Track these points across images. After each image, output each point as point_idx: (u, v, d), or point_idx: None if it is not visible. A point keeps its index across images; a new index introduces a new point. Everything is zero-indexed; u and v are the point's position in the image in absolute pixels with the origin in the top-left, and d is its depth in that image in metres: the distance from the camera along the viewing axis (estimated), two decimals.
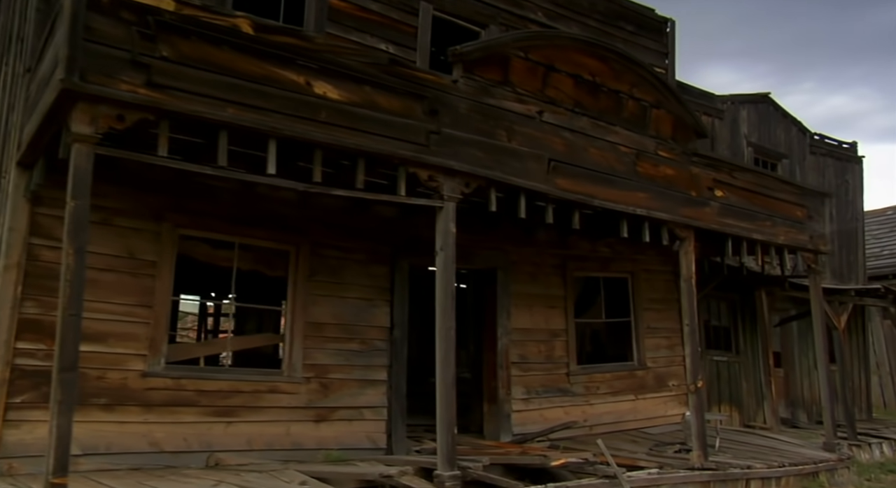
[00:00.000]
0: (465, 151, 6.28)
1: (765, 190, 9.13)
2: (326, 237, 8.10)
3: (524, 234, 9.71)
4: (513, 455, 6.97)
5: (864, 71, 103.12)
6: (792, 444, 9.84)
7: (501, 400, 9.23)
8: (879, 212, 23.50)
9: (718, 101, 13.56)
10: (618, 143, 7.48)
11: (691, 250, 8.10)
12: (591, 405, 10.21)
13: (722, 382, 12.56)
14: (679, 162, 8.07)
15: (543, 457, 6.65)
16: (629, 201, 7.44)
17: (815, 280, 9.90)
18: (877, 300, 12.78)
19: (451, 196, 6.16)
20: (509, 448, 7.88)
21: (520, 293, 9.69)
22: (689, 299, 8.03)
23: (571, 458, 6.67)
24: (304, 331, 7.76)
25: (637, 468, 7.27)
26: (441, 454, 5.92)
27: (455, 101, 6.28)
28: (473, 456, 7.33)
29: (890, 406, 19.86)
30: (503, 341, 9.35)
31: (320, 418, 7.70)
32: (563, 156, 6.95)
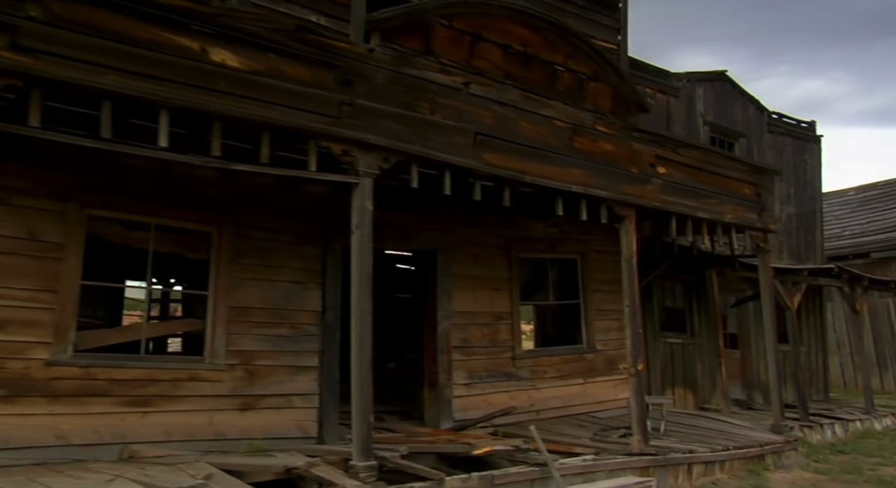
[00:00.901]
0: (384, 124, 5.93)
1: (711, 167, 8.88)
2: (253, 217, 7.73)
3: (468, 215, 9.39)
4: (439, 443, 6.69)
5: (839, 55, 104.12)
6: (741, 427, 9.67)
7: (442, 385, 8.95)
8: (841, 192, 23.52)
9: (674, 78, 13.30)
10: (552, 117, 7.17)
11: (632, 229, 7.83)
12: (538, 389, 9.96)
13: (676, 364, 12.39)
14: (619, 137, 7.78)
15: (468, 445, 6.37)
16: (565, 178, 7.14)
17: (764, 259, 9.70)
18: (831, 280, 12.64)
19: (367, 172, 5.81)
20: (443, 435, 7.60)
21: (463, 275, 9.39)
22: (629, 279, 7.78)
23: (498, 446, 6.39)
24: (228, 316, 7.40)
25: (572, 454, 7.03)
26: (356, 443, 5.63)
27: (372, 71, 5.92)
28: (406, 443, 7.04)
29: (850, 386, 19.91)
30: (444, 325, 9.05)
31: (246, 406, 7.36)
32: (491, 131, 6.63)
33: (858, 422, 12.30)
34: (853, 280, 12.95)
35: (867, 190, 22.78)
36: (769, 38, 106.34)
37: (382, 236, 8.72)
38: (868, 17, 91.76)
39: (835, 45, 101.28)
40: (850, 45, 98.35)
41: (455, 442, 6.63)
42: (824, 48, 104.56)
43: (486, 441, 6.81)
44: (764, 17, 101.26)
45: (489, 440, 6.96)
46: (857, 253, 19.68)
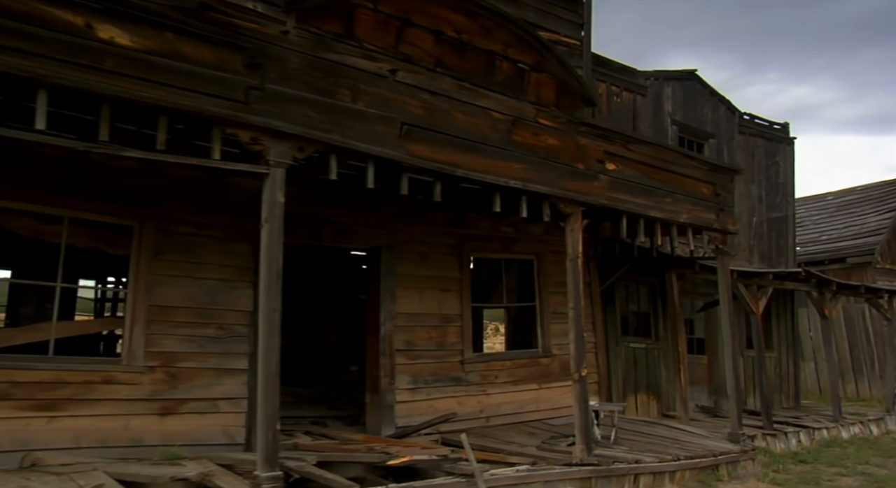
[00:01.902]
0: (298, 111, 5.55)
1: (666, 164, 8.53)
2: (179, 211, 7.35)
3: (416, 212, 9.03)
4: (359, 451, 6.28)
5: (828, 61, 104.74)
6: (697, 435, 9.31)
7: (383, 389, 8.57)
8: (820, 197, 23.28)
9: (641, 76, 12.97)
10: (490, 109, 6.80)
11: (578, 227, 7.47)
12: (489, 395, 9.60)
13: (640, 370, 12.03)
14: (564, 131, 7.42)
15: (385, 455, 5.98)
16: (502, 172, 6.77)
17: (722, 261, 9.35)
18: (799, 284, 12.31)
19: (278, 161, 5.43)
20: (377, 443, 7.20)
21: (408, 275, 9.02)
22: (574, 281, 7.41)
23: (419, 456, 6.00)
24: (149, 315, 7.01)
25: (507, 464, 6.65)
26: (260, 453, 5.23)
27: (285, 54, 5.54)
28: (330, 451, 6.66)
29: (826, 393, 19.59)
30: (387, 326, 8.68)
31: (166, 411, 6.97)
32: (421, 121, 6.25)
33: (825, 430, 11.97)
34: (822, 284, 12.62)
35: (846, 194, 22.54)
36: (757, 43, 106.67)
37: (320, 232, 8.40)
38: (854, 26, 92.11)
39: (823, 52, 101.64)
40: (838, 52, 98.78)
41: (375, 450, 6.23)
42: (812, 55, 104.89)
43: (412, 450, 6.41)
44: (750, 22, 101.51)
45: (417, 449, 6.57)
46: (833, 257, 19.43)
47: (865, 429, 12.87)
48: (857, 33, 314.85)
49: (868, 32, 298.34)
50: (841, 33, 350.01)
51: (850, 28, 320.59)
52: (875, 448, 11.57)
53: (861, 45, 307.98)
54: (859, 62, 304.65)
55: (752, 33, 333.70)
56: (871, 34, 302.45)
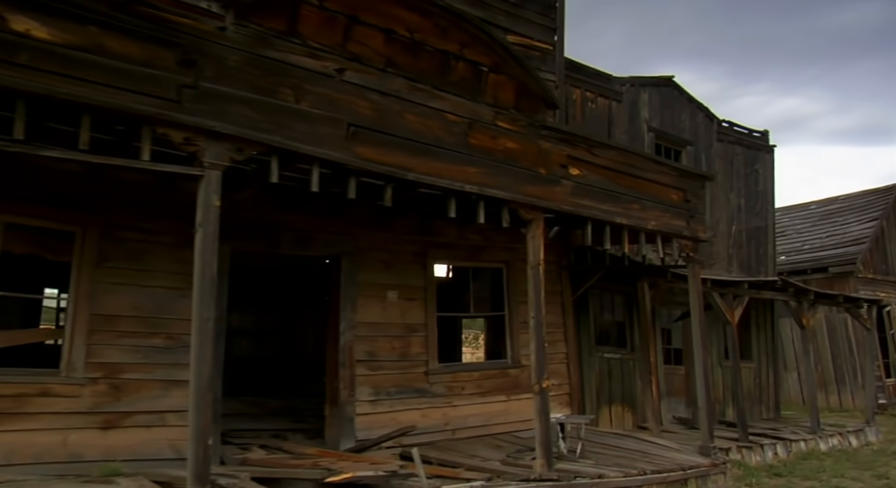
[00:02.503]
0: (236, 111, 5.30)
1: (633, 170, 8.31)
2: (125, 217, 7.09)
3: (379, 218, 8.79)
4: (303, 467, 6.00)
5: (817, 72, 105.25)
6: (668, 448, 9.06)
7: (343, 401, 8.30)
8: (803, 206, 23.16)
9: (617, 82, 12.79)
10: (444, 111, 6.56)
11: (539, 234, 7.23)
12: (455, 407, 9.33)
13: (614, 381, 11.78)
14: (524, 134, 7.19)
15: (327, 471, 5.70)
16: (457, 176, 6.53)
17: (693, 270, 9.13)
18: (776, 293, 12.10)
19: (214, 163, 5.17)
20: (330, 457, 6.92)
21: (370, 283, 8.76)
22: (535, 289, 7.17)
23: (366, 471, 5.72)
24: (91, 324, 6.74)
25: (460, 480, 6.38)
26: (190, 470, 4.94)
27: (222, 51, 5.29)
28: (279, 467, 6.39)
29: (809, 403, 19.37)
30: (347, 336, 8.42)
31: (109, 425, 6.69)
32: (369, 122, 6.01)
33: (802, 443, 11.74)
34: (799, 293, 12.42)
35: (828, 203, 22.42)
36: (748, 55, 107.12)
37: (277, 239, 8.14)
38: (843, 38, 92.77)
39: (812, 63, 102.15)
40: (827, 63, 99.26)
41: (319, 466, 5.95)
42: (802, 66, 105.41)
43: (361, 465, 6.14)
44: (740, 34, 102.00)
45: (366, 464, 6.29)
46: (815, 267, 19.27)
47: (844, 441, 12.64)
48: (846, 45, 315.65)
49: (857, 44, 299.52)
50: (830, 45, 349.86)
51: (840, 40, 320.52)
52: (853, 460, 11.34)
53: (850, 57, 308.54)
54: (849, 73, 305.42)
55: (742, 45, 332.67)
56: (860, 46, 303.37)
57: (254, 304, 16.57)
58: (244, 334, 16.83)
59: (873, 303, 14.03)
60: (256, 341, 16.85)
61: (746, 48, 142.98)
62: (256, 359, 16.38)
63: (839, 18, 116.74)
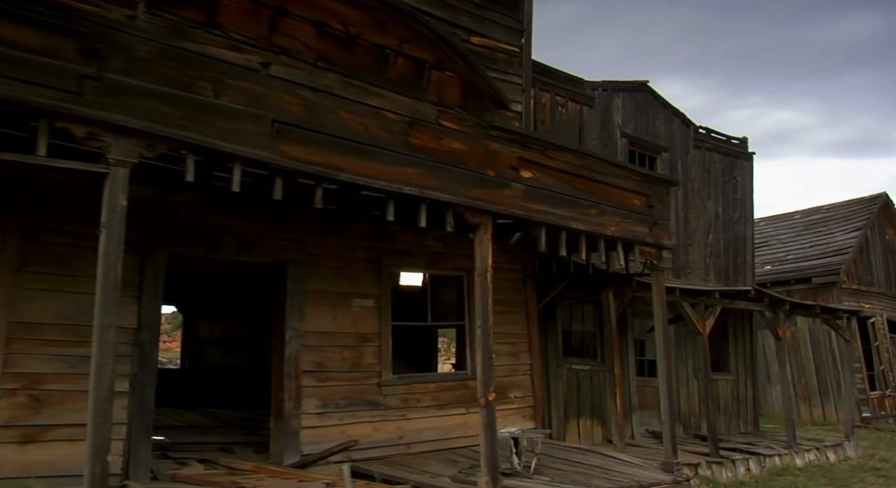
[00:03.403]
0: (147, 105, 4.97)
1: (591, 173, 8.00)
2: (52, 220, 6.74)
3: (330, 224, 8.47)
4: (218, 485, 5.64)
5: (809, 85, 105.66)
6: (630, 464, 8.70)
7: (288, 414, 7.94)
8: (787, 215, 22.89)
9: (588, 87, 12.50)
10: (382, 108, 6.25)
11: (487, 239, 6.90)
12: (409, 420, 8.97)
13: (583, 393, 11.42)
14: (471, 135, 6.88)
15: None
16: (395, 177, 6.21)
17: (657, 278, 8.80)
18: (750, 303, 11.77)
19: (121, 160, 4.84)
20: (264, 473, 6.57)
21: (320, 291, 8.42)
22: (482, 297, 6.84)
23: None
24: (9, 332, 6.37)
25: None
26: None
27: (131, 41, 4.97)
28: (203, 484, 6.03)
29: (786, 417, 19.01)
30: (293, 346, 8.07)
31: (27, 439, 6.32)
32: (298, 120, 5.69)
33: (777, 458, 11.39)
34: (775, 304, 12.10)
35: (813, 213, 22.15)
36: (740, 68, 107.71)
37: (217, 245, 7.80)
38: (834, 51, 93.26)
39: (804, 76, 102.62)
40: (820, 75, 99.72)
41: (238, 483, 5.60)
42: (794, 79, 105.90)
43: (289, 483, 5.78)
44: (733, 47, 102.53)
45: (294, 481, 5.93)
46: (798, 277, 18.97)
47: (822, 456, 12.29)
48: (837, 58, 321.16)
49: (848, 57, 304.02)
50: (822, 58, 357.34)
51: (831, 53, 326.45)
52: (828, 476, 10.99)
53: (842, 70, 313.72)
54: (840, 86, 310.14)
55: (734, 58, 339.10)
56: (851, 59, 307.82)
57: (224, 313, 16.25)
58: (214, 343, 16.50)
59: (852, 313, 13.71)
60: (226, 351, 16.50)
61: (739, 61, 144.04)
62: (226, 368, 16.03)
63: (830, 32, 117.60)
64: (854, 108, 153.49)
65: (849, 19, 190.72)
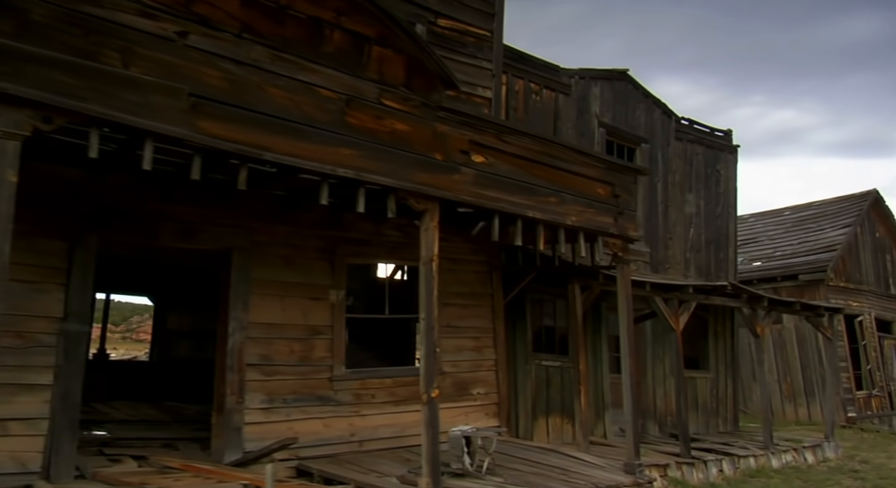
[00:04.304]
0: (43, 74, 4.57)
1: (551, 160, 7.61)
2: None
3: (280, 210, 8.09)
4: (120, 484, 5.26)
5: (812, 85, 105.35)
6: (592, 465, 8.32)
7: (230, 409, 7.56)
8: (777, 212, 22.50)
9: (565, 74, 12.09)
10: (316, 85, 5.85)
11: (434, 226, 6.52)
12: (363, 416, 8.60)
13: (553, 390, 11.05)
14: (417, 116, 6.48)
15: None
16: (329, 159, 5.82)
17: (622, 271, 8.41)
18: (726, 299, 11.38)
19: (10, 132, 4.44)
20: (193, 471, 6.19)
21: (267, 280, 8.03)
22: (427, 288, 6.46)
23: None
24: None
25: None
26: None
27: (24, 3, 4.57)
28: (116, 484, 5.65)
29: (778, 416, 18.67)
30: (236, 338, 7.69)
31: None
32: (220, 94, 5.30)
33: (752, 459, 11.02)
34: (753, 300, 11.71)
35: (803, 210, 21.75)
36: (743, 67, 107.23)
37: (156, 230, 7.39)
38: (838, 52, 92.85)
39: (807, 76, 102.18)
40: (824, 75, 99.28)
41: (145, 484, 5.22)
42: (797, 79, 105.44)
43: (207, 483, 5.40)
44: (737, 46, 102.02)
45: (213, 482, 5.55)
46: (785, 274, 18.59)
47: (799, 457, 11.92)
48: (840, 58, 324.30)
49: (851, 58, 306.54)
50: (825, 58, 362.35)
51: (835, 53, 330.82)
52: (804, 478, 10.63)
53: (845, 70, 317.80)
54: (843, 86, 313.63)
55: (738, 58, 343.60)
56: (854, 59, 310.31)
57: (195, 305, 15.83)
58: (184, 336, 16.07)
59: (834, 311, 13.32)
60: (197, 343, 16.04)
61: (742, 60, 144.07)
62: (196, 361, 15.60)
63: (833, 32, 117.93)
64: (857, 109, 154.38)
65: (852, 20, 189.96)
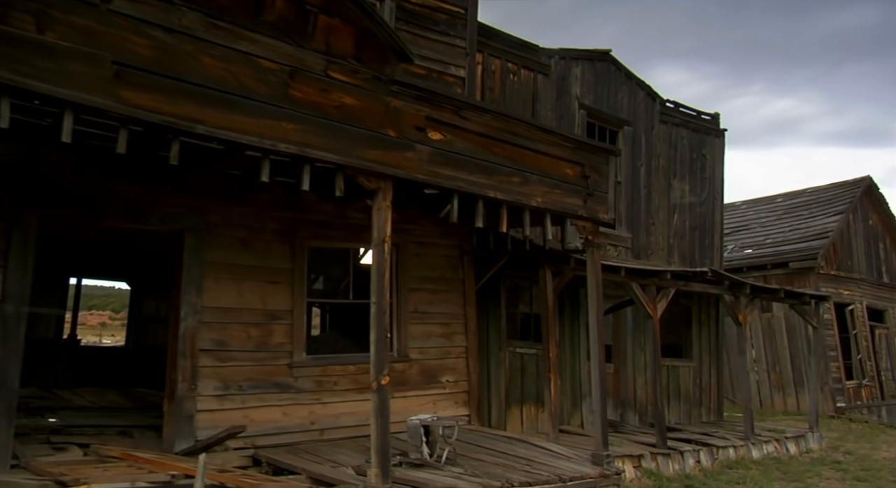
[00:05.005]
0: None
1: (515, 138, 7.30)
2: None
3: (235, 190, 7.78)
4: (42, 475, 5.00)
5: (811, 74, 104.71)
6: (559, 456, 8.05)
7: (181, 396, 7.30)
8: (770, 199, 22.18)
9: (544, 54, 11.75)
10: (256, 55, 5.54)
11: (386, 206, 6.22)
12: (325, 404, 8.34)
13: (528, 379, 10.79)
14: (367, 89, 6.17)
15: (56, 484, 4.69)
16: (269, 133, 5.51)
17: (592, 255, 8.12)
18: (707, 285, 11.09)
19: None
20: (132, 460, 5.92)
21: (223, 263, 7.75)
22: (378, 270, 6.17)
23: (119, 484, 4.71)
24: None
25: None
26: None
27: None
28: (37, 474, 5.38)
29: (766, 406, 18.44)
30: (188, 322, 7.42)
31: None
32: (148, 63, 4.99)
33: (732, 449, 10.76)
34: (735, 287, 11.42)
35: (795, 196, 21.42)
36: (743, 56, 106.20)
37: (99, 210, 7.09)
38: (838, 41, 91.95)
39: (807, 65, 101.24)
40: (822, 65, 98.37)
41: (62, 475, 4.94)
42: (796, 68, 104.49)
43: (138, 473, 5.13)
44: (735, 34, 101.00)
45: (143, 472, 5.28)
46: (775, 262, 18.29)
47: (781, 448, 11.67)
48: (840, 48, 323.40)
49: (851, 47, 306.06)
50: (825, 48, 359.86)
51: (834, 43, 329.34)
52: (784, 470, 10.37)
53: (844, 60, 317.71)
54: (842, 76, 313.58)
55: (737, 46, 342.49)
56: (854, 49, 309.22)
57: (170, 291, 15.58)
58: (159, 322, 15.80)
59: (820, 299, 13.02)
60: None
61: (740, 49, 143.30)
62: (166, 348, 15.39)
63: (832, 22, 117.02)
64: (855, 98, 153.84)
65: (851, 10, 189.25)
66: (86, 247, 13.53)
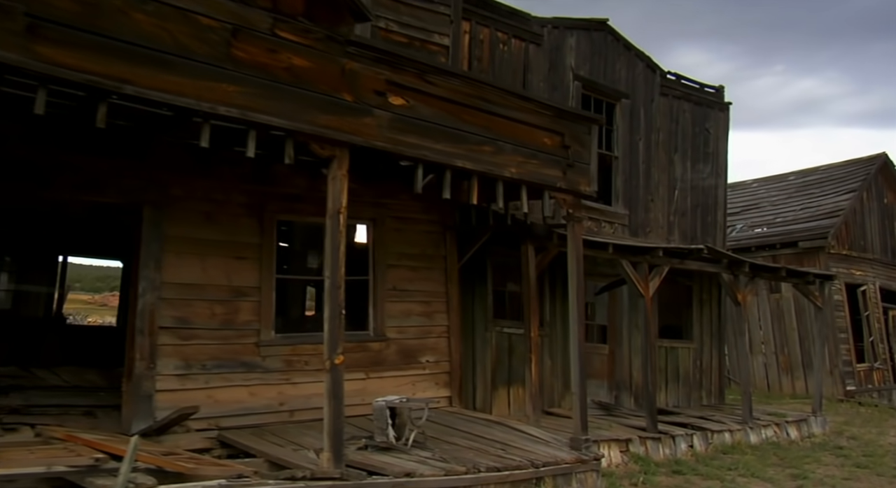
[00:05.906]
0: None
1: (487, 105, 6.89)
2: None
3: (198, 163, 7.45)
4: None
5: (834, 54, 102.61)
6: (536, 440, 7.72)
7: (139, 375, 7.04)
8: (781, 176, 21.56)
9: (536, 23, 11.27)
10: (194, 12, 5.17)
11: (341, 175, 5.85)
12: (295, 384, 8.05)
13: (516, 359, 10.41)
14: (320, 50, 5.78)
15: None
16: (208, 96, 5.15)
17: (573, 230, 7.73)
18: (703, 264, 10.64)
19: None
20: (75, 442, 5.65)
21: (185, 238, 7.46)
22: (332, 243, 5.81)
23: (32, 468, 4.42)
24: None
25: (190, 479, 5.06)
26: None
27: None
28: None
29: (774, 389, 17.98)
30: (147, 298, 7.14)
31: None
32: (70, 18, 4.63)
33: (727, 434, 10.35)
34: (733, 265, 10.96)
35: (808, 174, 20.79)
36: (764, 36, 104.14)
37: (50, 181, 6.79)
38: (861, 19, 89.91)
39: (829, 45, 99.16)
40: (845, 45, 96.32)
41: None
42: (819, 48, 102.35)
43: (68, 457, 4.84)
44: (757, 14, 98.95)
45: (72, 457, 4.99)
46: (785, 242, 17.75)
47: (781, 433, 11.25)
48: (863, 27, 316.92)
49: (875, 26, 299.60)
50: (847, 27, 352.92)
51: (857, 22, 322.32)
52: (781, 455, 9.96)
53: (867, 39, 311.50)
54: (866, 55, 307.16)
55: (759, 26, 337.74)
56: (877, 28, 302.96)
57: None
58: None
59: (825, 278, 12.51)
60: None
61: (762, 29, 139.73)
62: None
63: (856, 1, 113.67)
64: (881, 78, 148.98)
65: None
66: (76, 224, 13.30)
